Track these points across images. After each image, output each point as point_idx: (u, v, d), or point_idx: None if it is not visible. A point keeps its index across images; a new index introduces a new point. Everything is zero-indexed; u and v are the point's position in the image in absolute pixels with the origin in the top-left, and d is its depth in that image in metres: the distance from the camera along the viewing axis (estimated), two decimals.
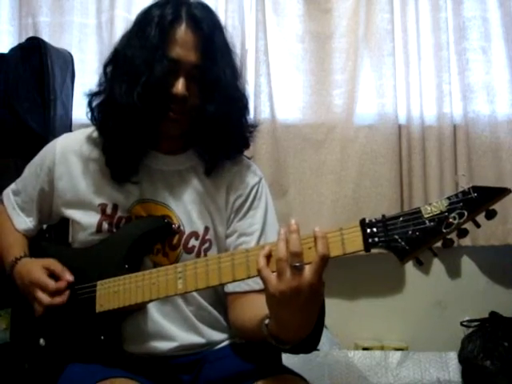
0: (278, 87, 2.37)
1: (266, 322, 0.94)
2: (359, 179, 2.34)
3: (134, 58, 1.10)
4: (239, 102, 1.18)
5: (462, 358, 2.17)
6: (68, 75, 2.00)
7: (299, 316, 0.88)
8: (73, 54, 2.09)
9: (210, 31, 1.11)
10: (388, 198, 2.32)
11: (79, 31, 2.35)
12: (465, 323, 2.28)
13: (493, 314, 2.26)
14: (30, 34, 2.25)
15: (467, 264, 2.42)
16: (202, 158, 1.19)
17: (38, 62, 1.86)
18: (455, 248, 2.36)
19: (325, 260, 0.85)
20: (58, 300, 1.10)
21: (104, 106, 1.16)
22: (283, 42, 2.40)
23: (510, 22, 2.37)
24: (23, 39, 2.13)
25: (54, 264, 1.15)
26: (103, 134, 1.17)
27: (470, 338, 2.19)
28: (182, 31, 1.10)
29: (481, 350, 2.11)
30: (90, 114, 1.19)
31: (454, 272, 2.42)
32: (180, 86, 1.09)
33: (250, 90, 2.32)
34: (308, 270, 0.85)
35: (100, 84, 1.18)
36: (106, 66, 1.18)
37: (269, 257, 0.89)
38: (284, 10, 2.40)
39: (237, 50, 2.27)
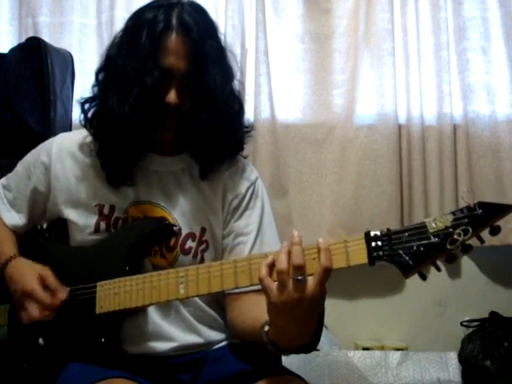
0: (278, 87, 2.37)
1: (266, 329, 0.94)
2: (359, 179, 2.34)
3: (126, 68, 1.09)
4: (231, 108, 1.16)
5: (462, 358, 2.16)
6: (68, 75, 2.00)
7: (299, 325, 0.88)
8: (73, 53, 2.09)
9: (200, 38, 1.09)
10: (388, 197, 2.32)
11: (79, 31, 2.35)
12: (465, 323, 2.28)
13: (493, 314, 2.26)
14: (30, 34, 2.25)
15: (467, 264, 2.42)
16: (196, 160, 1.19)
17: (38, 62, 1.86)
18: None
19: (328, 272, 0.85)
20: (47, 316, 1.10)
21: (98, 115, 1.15)
22: (283, 41, 2.39)
23: (510, 21, 2.36)
24: (23, 39, 2.13)
25: (49, 276, 1.13)
26: (98, 140, 1.17)
27: (470, 338, 2.19)
28: (173, 39, 1.08)
29: (481, 349, 2.11)
30: (83, 120, 1.18)
31: (454, 272, 2.42)
32: (172, 94, 1.08)
33: (249, 90, 2.33)
34: (311, 282, 0.85)
35: (93, 91, 1.17)
36: (98, 73, 1.17)
37: (272, 266, 0.89)
38: (284, 10, 2.40)
39: (236, 49, 2.31)
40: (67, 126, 1.97)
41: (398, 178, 2.34)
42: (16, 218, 1.25)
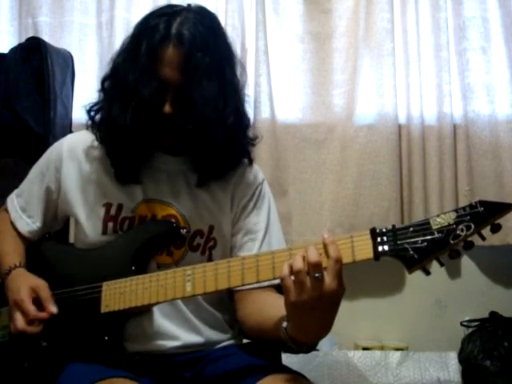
0: (277, 87, 2.37)
1: (284, 325, 0.95)
2: (359, 179, 2.34)
3: (127, 78, 1.11)
4: (225, 121, 1.13)
5: (462, 358, 2.17)
6: (68, 75, 2.00)
7: (320, 320, 0.90)
8: (73, 53, 2.09)
9: (191, 51, 1.08)
10: (388, 197, 2.32)
11: (79, 31, 2.35)
12: (465, 323, 2.28)
13: (493, 314, 2.26)
14: (30, 34, 2.25)
15: (467, 264, 2.42)
16: (193, 168, 1.20)
17: (38, 62, 1.86)
18: None
19: (339, 263, 0.87)
20: (31, 329, 1.09)
21: (102, 122, 1.18)
22: (283, 41, 2.40)
23: (509, 22, 2.37)
24: (23, 39, 2.13)
25: (42, 289, 1.12)
26: (103, 145, 1.19)
27: (470, 338, 2.19)
28: (170, 51, 1.08)
29: (481, 349, 2.11)
30: (90, 125, 1.20)
31: (453, 272, 2.42)
32: (167, 105, 1.09)
33: (249, 90, 2.32)
34: (327, 277, 0.86)
35: (98, 99, 1.19)
36: (104, 81, 1.18)
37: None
38: (284, 10, 2.40)
39: (237, 50, 2.30)
40: (67, 126, 1.97)
41: (398, 178, 2.35)
42: (29, 224, 1.25)
